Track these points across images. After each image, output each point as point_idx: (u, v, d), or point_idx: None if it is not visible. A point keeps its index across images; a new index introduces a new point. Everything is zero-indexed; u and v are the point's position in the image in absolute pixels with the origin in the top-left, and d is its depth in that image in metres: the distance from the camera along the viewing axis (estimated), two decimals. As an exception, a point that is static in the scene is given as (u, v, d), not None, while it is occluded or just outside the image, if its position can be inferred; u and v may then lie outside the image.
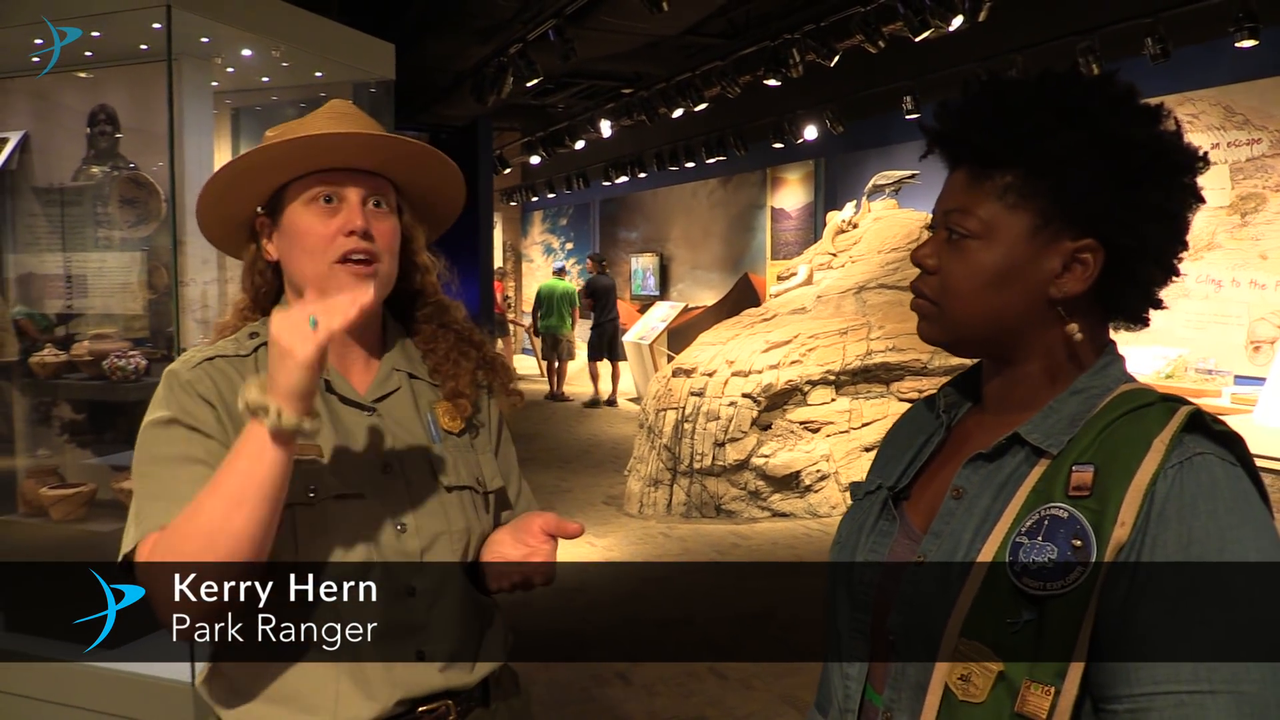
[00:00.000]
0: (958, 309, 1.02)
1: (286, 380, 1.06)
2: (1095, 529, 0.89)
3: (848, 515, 1.18)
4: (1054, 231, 0.98)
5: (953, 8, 5.50)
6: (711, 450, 6.55)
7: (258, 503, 1.08)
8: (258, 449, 1.08)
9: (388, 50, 4.11)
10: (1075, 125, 0.96)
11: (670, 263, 13.78)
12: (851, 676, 1.07)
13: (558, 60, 6.58)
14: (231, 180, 1.27)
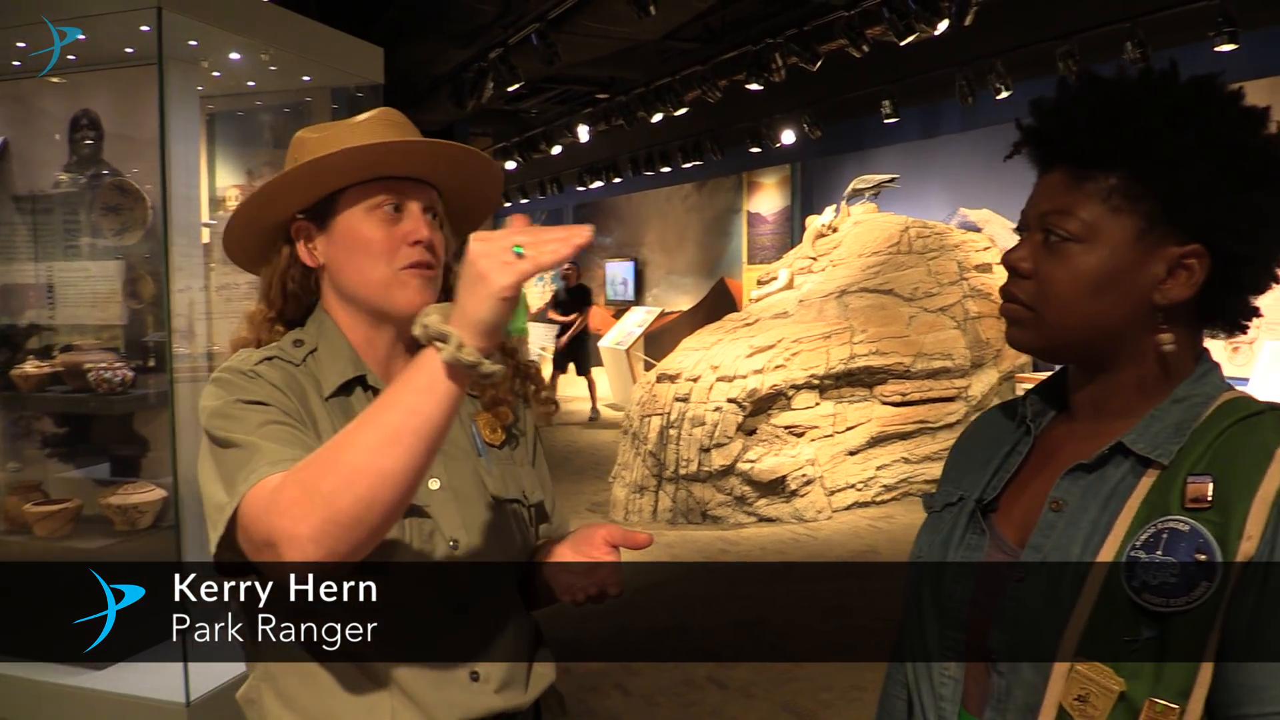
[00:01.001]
0: (1057, 315, 0.99)
1: (476, 309, 0.93)
2: (1220, 543, 0.86)
3: (926, 527, 1.15)
4: (1159, 236, 0.95)
5: (938, 11, 5.52)
6: (697, 456, 6.52)
7: (414, 443, 0.95)
8: (427, 381, 0.96)
9: (376, 54, 4.05)
10: (1184, 127, 0.93)
11: (645, 268, 13.75)
12: (945, 698, 1.03)
13: (539, 65, 6.54)
14: (296, 182, 1.21)
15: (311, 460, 0.98)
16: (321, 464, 0.97)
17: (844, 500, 6.84)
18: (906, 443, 7.14)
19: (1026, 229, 1.03)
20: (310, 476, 0.97)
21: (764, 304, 7.95)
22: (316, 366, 1.22)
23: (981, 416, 1.22)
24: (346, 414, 1.20)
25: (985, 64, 7.07)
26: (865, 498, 6.93)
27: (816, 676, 4.02)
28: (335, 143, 1.20)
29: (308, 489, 0.96)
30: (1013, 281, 1.03)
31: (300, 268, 1.26)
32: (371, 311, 1.24)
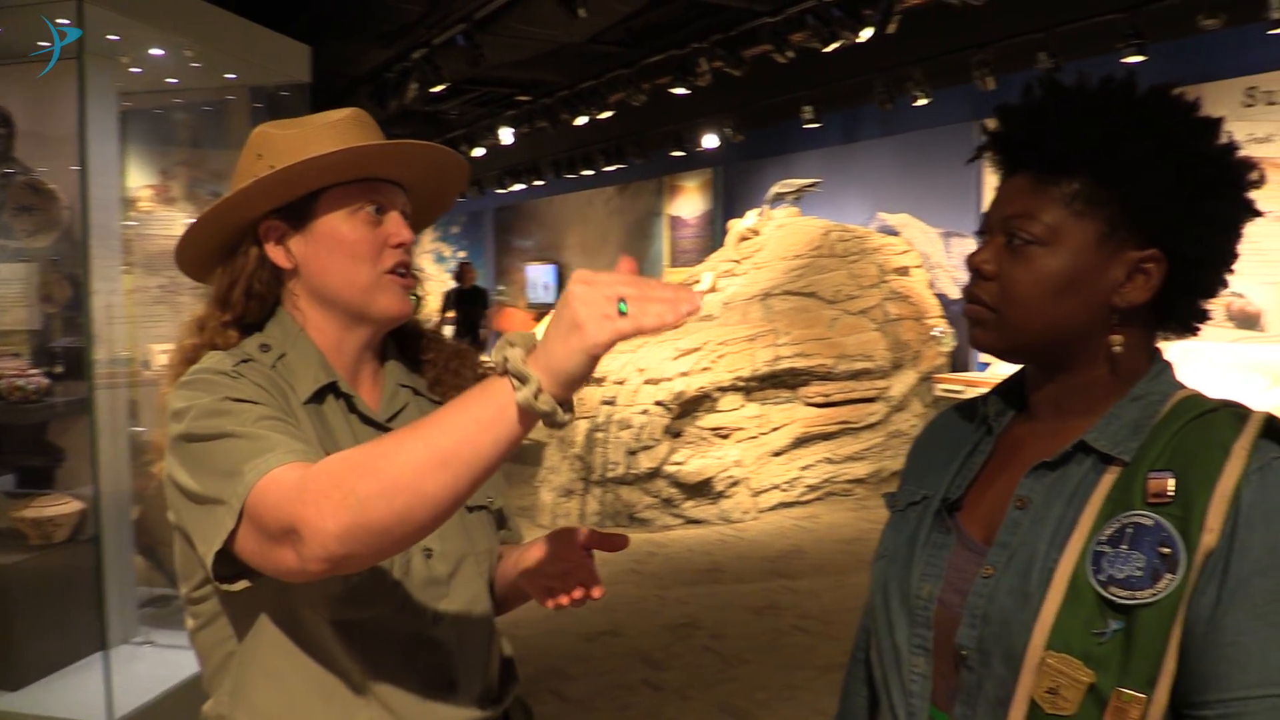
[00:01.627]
0: (1019, 316, 1.01)
1: (565, 359, 0.86)
2: (1182, 536, 0.88)
3: (890, 527, 1.15)
4: (1119, 240, 0.98)
5: (862, 19, 5.62)
6: (624, 459, 6.52)
7: (462, 473, 0.90)
8: (493, 415, 0.89)
9: (303, 52, 3.97)
10: (1144, 136, 0.96)
11: (567, 271, 13.71)
12: (915, 694, 1.04)
13: (464, 66, 6.47)
14: (281, 182, 1.16)
15: (351, 458, 0.93)
16: (363, 466, 0.92)
17: (769, 501, 6.92)
18: (829, 443, 7.25)
19: (989, 232, 1.04)
20: (348, 474, 0.92)
21: (689, 307, 7.98)
22: (287, 371, 1.19)
23: (939, 417, 1.24)
24: (321, 421, 1.17)
25: (904, 71, 7.22)
26: (790, 498, 7.02)
27: (750, 676, 4.05)
28: (312, 141, 1.16)
29: (343, 487, 0.91)
30: (976, 283, 1.04)
31: (270, 269, 1.21)
32: (350, 314, 1.21)
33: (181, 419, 1.07)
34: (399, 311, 1.22)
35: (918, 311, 7.88)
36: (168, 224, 4.63)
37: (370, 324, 1.22)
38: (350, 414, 1.20)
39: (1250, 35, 5.80)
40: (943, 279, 8.13)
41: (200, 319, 1.23)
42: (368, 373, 1.26)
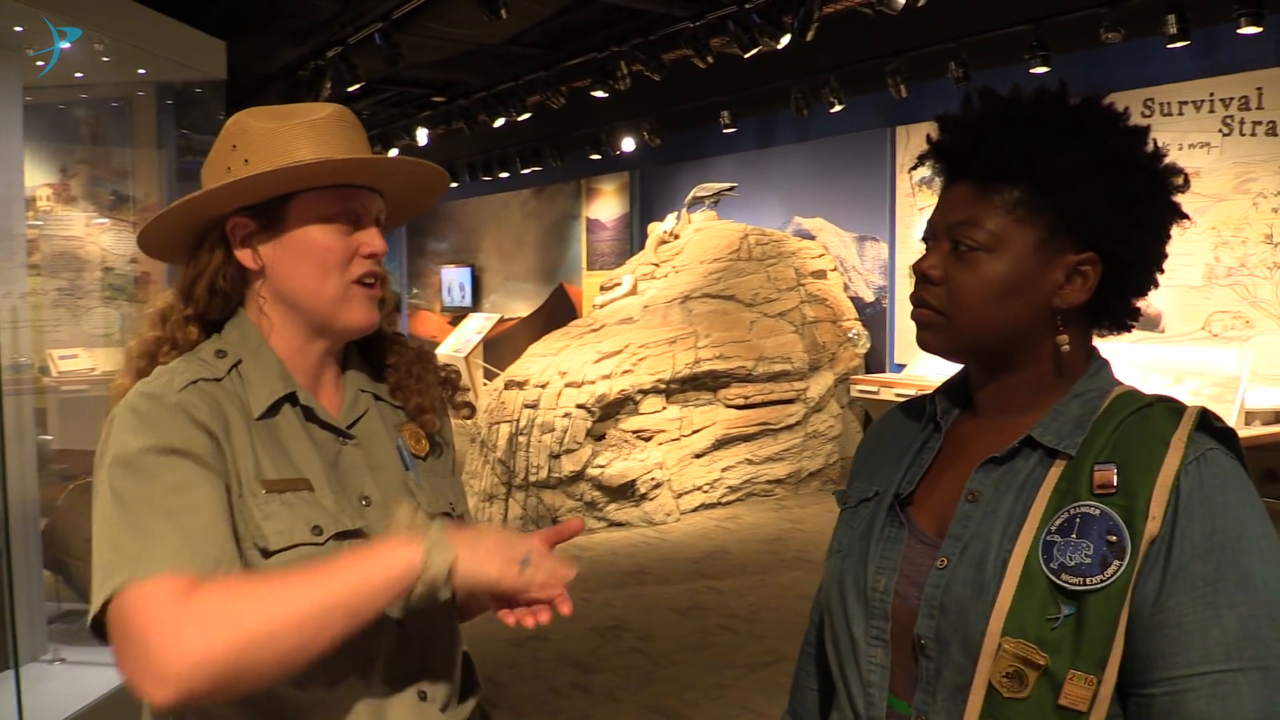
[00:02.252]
0: (966, 319, 1.05)
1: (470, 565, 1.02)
2: (1127, 524, 0.93)
3: (842, 523, 1.19)
4: (1058, 245, 1.03)
5: (781, 26, 5.69)
6: (547, 462, 6.50)
7: (347, 627, 0.99)
8: (396, 576, 1.00)
9: (218, 47, 3.86)
10: (1079, 145, 1.01)
11: (483, 274, 13.60)
12: (874, 684, 1.07)
13: (381, 65, 6.36)
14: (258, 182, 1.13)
15: (235, 596, 0.96)
16: (251, 606, 0.95)
17: (691, 502, 6.96)
18: (750, 444, 7.33)
19: (934, 238, 1.08)
20: (242, 609, 0.95)
21: (609, 310, 8.00)
22: (242, 382, 1.15)
23: (885, 416, 1.28)
24: (273, 436, 1.13)
25: (820, 78, 7.34)
26: (712, 499, 7.07)
27: (679, 676, 4.06)
28: (292, 140, 1.14)
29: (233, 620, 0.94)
30: (923, 288, 1.08)
31: (235, 267, 1.17)
32: (314, 322, 1.18)
33: (112, 450, 1.05)
34: (365, 323, 1.19)
35: (834, 314, 8.03)
36: (66, 224, 4.46)
37: (334, 333, 1.20)
38: (308, 423, 1.17)
39: (1149, 49, 6.06)
40: (857, 282, 8.29)
41: (163, 311, 1.20)
42: (329, 377, 1.23)
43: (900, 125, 7.76)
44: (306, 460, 1.14)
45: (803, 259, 8.15)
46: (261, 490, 1.09)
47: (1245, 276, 5.98)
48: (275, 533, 1.07)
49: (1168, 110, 6.19)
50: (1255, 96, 5.85)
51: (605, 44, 7.09)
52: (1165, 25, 5.58)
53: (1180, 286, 6.17)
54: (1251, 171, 5.90)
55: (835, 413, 7.78)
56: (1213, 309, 6.10)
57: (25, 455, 3.29)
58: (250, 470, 1.09)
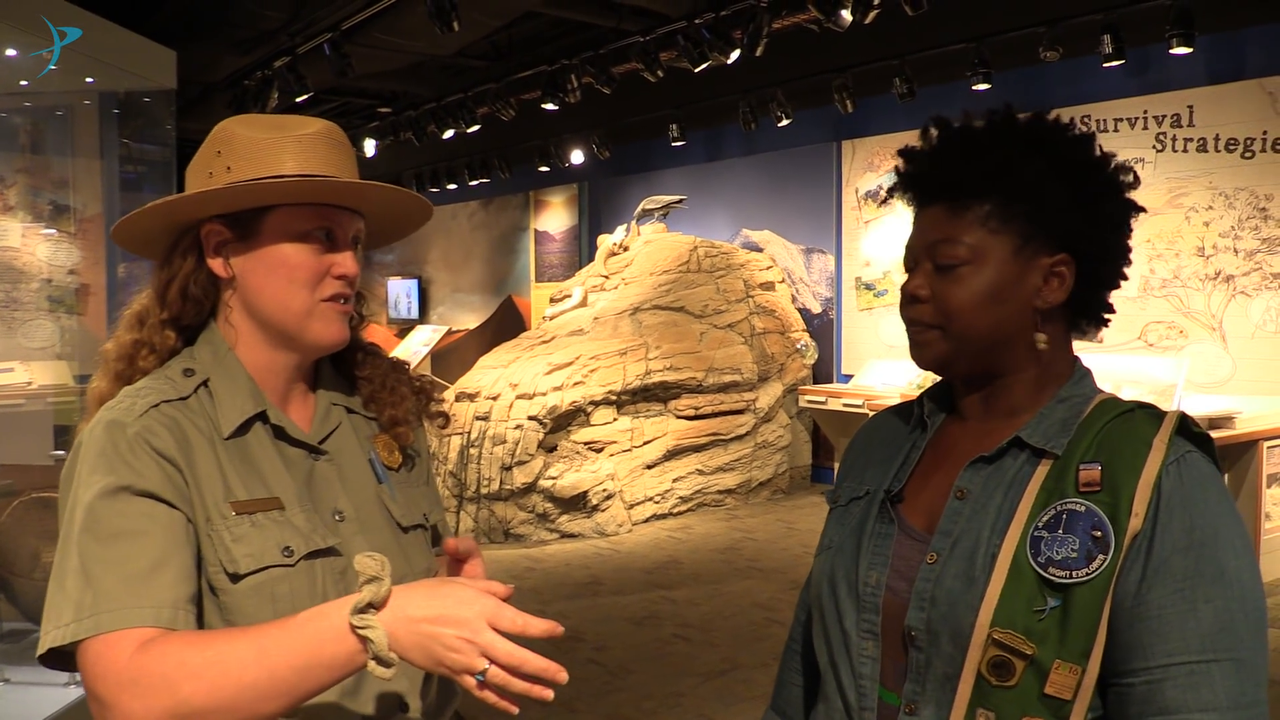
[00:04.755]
0: (961, 328, 1.10)
1: (423, 642, 0.94)
2: (1112, 520, 0.98)
3: (832, 520, 1.24)
4: (1034, 249, 1.09)
5: (731, 42, 5.76)
6: (499, 474, 6.48)
7: (301, 697, 0.96)
8: (336, 660, 0.94)
9: (168, 57, 3.82)
10: (1037, 154, 1.08)
11: (430, 285, 13.51)
12: (865, 675, 1.11)
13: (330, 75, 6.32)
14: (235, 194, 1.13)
15: (185, 658, 0.94)
16: (202, 675, 0.93)
17: (643, 513, 6.98)
18: (700, 455, 7.37)
19: (916, 261, 1.14)
20: (181, 678, 0.93)
21: (559, 321, 8.00)
22: (211, 401, 1.14)
23: (873, 420, 1.33)
24: (244, 455, 1.13)
25: (767, 93, 7.44)
26: (663, 509, 7.10)
27: (636, 686, 4.08)
28: (278, 153, 1.14)
29: (174, 689, 0.93)
30: (912, 308, 1.14)
31: (207, 274, 1.17)
32: (282, 337, 1.18)
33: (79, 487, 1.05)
34: (333, 340, 1.19)
35: (782, 325, 8.11)
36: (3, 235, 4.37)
37: (302, 348, 1.19)
38: (279, 441, 1.17)
39: (1085, 67, 6.24)
40: (805, 294, 8.39)
41: (139, 313, 1.20)
42: (299, 391, 1.23)
43: (846, 139, 7.89)
44: (278, 479, 1.14)
45: (751, 271, 8.23)
46: (231, 512, 1.09)
47: (1179, 288, 6.17)
48: (245, 555, 1.07)
49: (1104, 126, 6.38)
50: (1187, 114, 6.05)
51: (555, 57, 7.12)
52: (1101, 45, 5.76)
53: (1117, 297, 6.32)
54: (1183, 186, 6.09)
55: (784, 423, 7.86)
56: (1148, 319, 6.29)
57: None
58: (218, 493, 1.09)
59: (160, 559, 1.02)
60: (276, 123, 1.17)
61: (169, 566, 1.03)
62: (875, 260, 7.81)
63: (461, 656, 0.93)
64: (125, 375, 1.16)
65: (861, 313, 7.95)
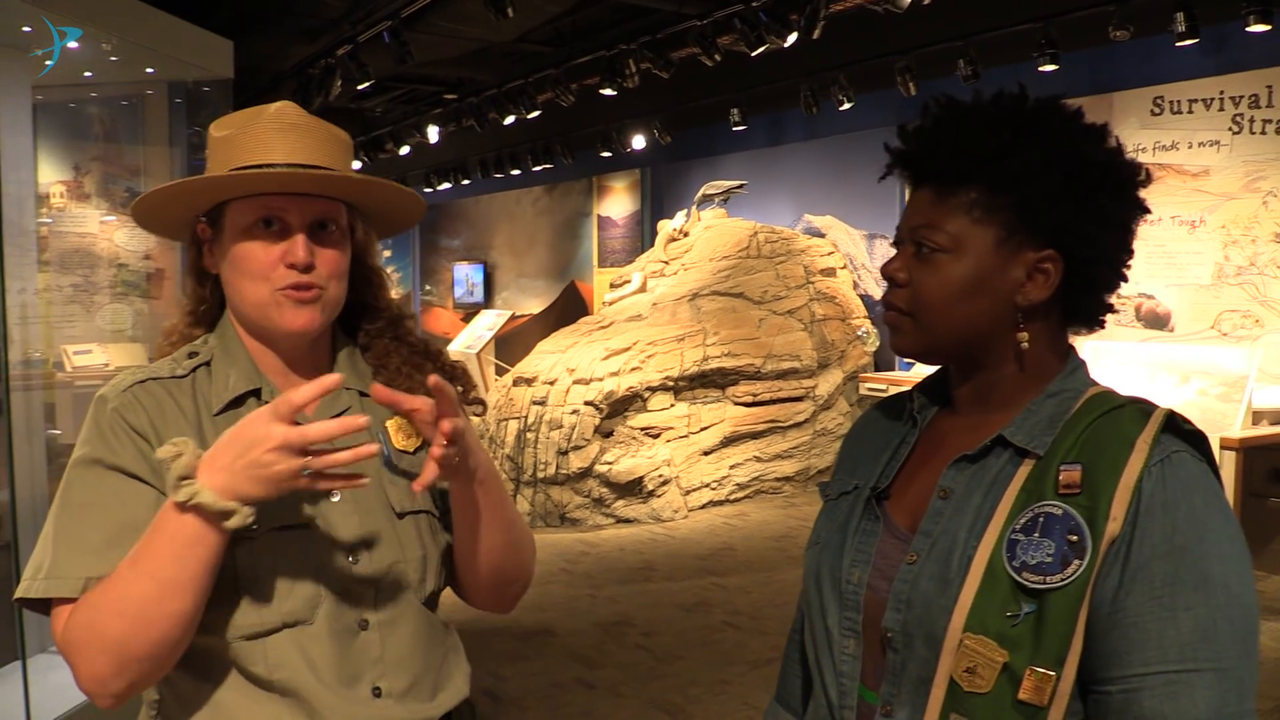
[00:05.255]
0: (931, 319, 1.08)
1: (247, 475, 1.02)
2: (1089, 524, 0.95)
3: (823, 515, 1.22)
4: (1018, 243, 1.05)
5: (788, 24, 5.69)
6: (555, 459, 6.53)
7: (197, 586, 1.04)
8: (198, 531, 1.02)
9: (225, 47, 3.90)
10: (1031, 144, 1.03)
11: (495, 270, 13.64)
12: (846, 674, 1.10)
13: (391, 63, 6.39)
14: (165, 200, 1.19)
15: (97, 601, 1.04)
16: (109, 609, 1.03)
17: (699, 499, 6.98)
18: (758, 442, 7.34)
19: (901, 242, 1.11)
20: (98, 620, 1.03)
21: (618, 307, 8.02)
22: (208, 380, 1.20)
23: (869, 411, 1.31)
24: None
25: (829, 76, 7.33)
26: (719, 496, 7.09)
27: (683, 672, 4.08)
28: (233, 148, 1.18)
29: (99, 634, 1.03)
30: (891, 291, 1.11)
31: (204, 270, 1.24)
32: (254, 327, 1.22)
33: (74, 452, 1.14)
34: (295, 328, 1.19)
35: (843, 312, 8.02)
36: (80, 221, 4.50)
37: (275, 336, 1.22)
38: None
39: (1157, 47, 6.03)
40: (867, 280, 8.29)
41: (179, 301, 1.29)
42: (307, 373, 1.25)
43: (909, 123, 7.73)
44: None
45: (812, 257, 8.15)
46: None
47: (1255, 275, 5.95)
48: None
49: (1177, 108, 6.16)
50: (1265, 94, 5.82)
51: (614, 42, 7.11)
52: (1174, 23, 5.55)
53: (1190, 285, 6.15)
54: (1261, 170, 5.86)
55: (844, 410, 7.79)
56: (1222, 308, 6.08)
57: (35, 449, 3.34)
58: None
59: (116, 534, 1.08)
60: (246, 117, 1.20)
61: (123, 541, 1.07)
62: (939, 246, 7.67)
63: (280, 465, 1.00)
64: None
65: (924, 299, 7.81)
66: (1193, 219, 6.08)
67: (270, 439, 0.99)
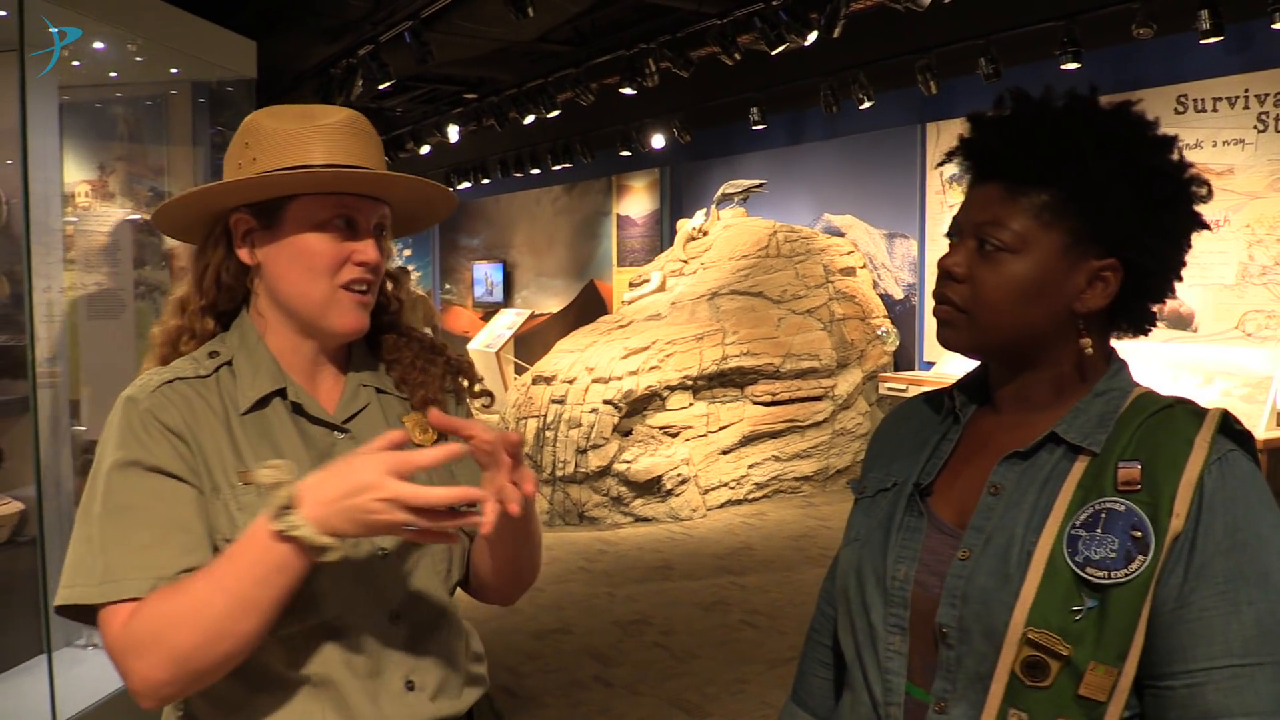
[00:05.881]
0: (988, 319, 1.07)
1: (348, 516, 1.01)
2: (1151, 520, 0.96)
3: (859, 512, 1.22)
4: (1082, 250, 1.05)
5: (808, 23, 5.68)
6: (574, 457, 6.54)
7: (270, 607, 1.04)
8: (287, 559, 1.02)
9: (248, 47, 3.93)
10: (1109, 153, 1.03)
11: (514, 270, 13.67)
12: (892, 671, 1.09)
13: (412, 63, 6.42)
14: (255, 184, 1.17)
15: (166, 611, 1.03)
16: (179, 620, 1.02)
17: (718, 499, 6.98)
18: (777, 441, 7.33)
19: (960, 235, 1.10)
20: (166, 630, 1.02)
21: (637, 306, 8.03)
22: (233, 380, 1.19)
23: (900, 408, 1.30)
24: (262, 430, 1.18)
25: (849, 75, 7.31)
26: (738, 495, 7.09)
27: (700, 671, 4.09)
28: (302, 143, 1.17)
29: (164, 643, 1.02)
30: (946, 285, 1.10)
31: (236, 262, 1.22)
32: (301, 323, 1.21)
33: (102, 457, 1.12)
34: (351, 328, 1.21)
35: (863, 311, 8.00)
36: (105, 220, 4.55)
37: (322, 335, 1.23)
38: (298, 417, 1.21)
39: (1181, 45, 5.98)
40: (887, 279, 8.26)
41: (182, 300, 1.25)
42: (329, 373, 1.26)
43: (930, 122, 7.72)
44: (293, 453, 1.17)
45: (831, 256, 8.13)
46: (239, 482, 1.13)
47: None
48: (247, 524, 1.10)
49: (1201, 106, 6.11)
50: (1291, 92, 5.76)
51: (634, 41, 7.11)
52: (1198, 20, 5.50)
53: (1214, 285, 6.09)
54: (1287, 168, 5.81)
55: (863, 410, 7.76)
56: (1246, 308, 6.02)
57: (60, 446, 3.37)
58: (228, 464, 1.14)
59: (163, 533, 1.08)
60: (302, 113, 1.20)
61: (172, 540, 1.08)
62: (959, 245, 7.63)
63: (383, 516, 1.00)
64: (169, 359, 1.22)
65: (944, 299, 7.77)
66: (1217, 218, 6.01)
67: (383, 489, 1.00)
